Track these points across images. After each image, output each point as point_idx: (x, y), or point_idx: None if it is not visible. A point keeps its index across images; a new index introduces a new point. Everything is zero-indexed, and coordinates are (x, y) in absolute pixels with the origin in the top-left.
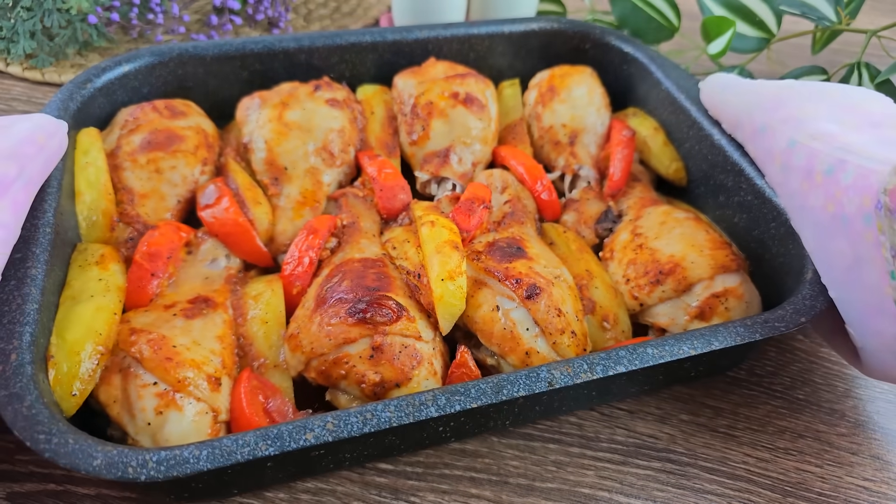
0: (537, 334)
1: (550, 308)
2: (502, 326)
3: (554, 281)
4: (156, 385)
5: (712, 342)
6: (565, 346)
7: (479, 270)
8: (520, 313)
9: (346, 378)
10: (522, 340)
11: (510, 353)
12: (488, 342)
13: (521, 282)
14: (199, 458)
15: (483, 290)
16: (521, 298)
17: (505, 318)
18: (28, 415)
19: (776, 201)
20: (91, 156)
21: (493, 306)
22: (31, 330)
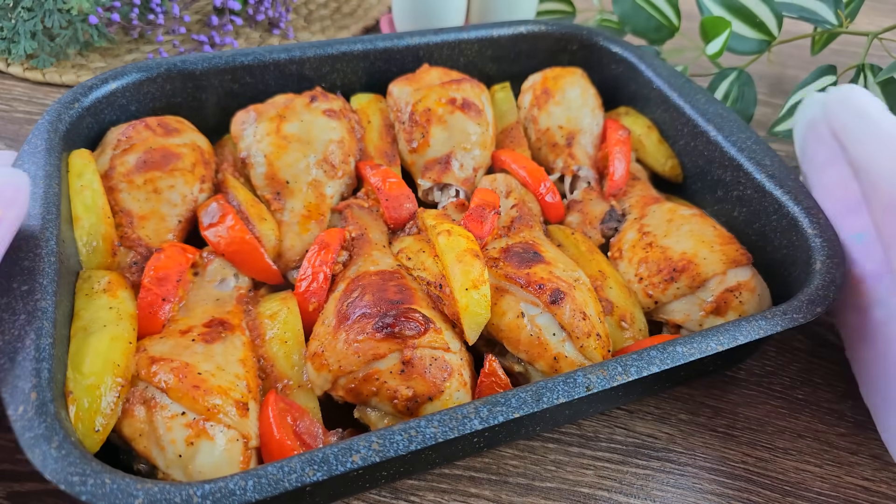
0: (564, 339)
1: (575, 312)
2: (529, 333)
3: (574, 284)
4: (184, 415)
5: (737, 337)
6: (592, 349)
7: (499, 277)
8: (545, 319)
9: (378, 394)
10: (550, 346)
11: (538, 358)
12: (515, 349)
13: (543, 287)
14: (245, 489)
15: (506, 297)
16: (545, 304)
17: (531, 324)
18: (58, 456)
19: (776, 194)
20: (85, 178)
21: (518, 313)
22: (48, 366)
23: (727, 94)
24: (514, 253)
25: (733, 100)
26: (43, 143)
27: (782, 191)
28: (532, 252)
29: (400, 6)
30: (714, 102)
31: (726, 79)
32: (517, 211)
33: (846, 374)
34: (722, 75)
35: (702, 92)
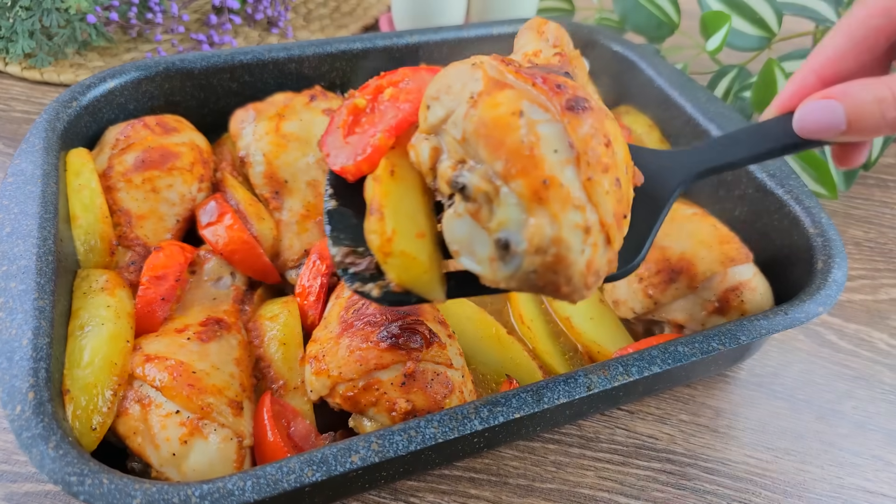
0: (569, 160)
1: (598, 133)
2: (520, 138)
3: (613, 117)
4: (178, 414)
5: (739, 337)
6: (603, 193)
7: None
8: (551, 129)
9: (376, 405)
10: (544, 162)
11: (520, 174)
12: (492, 152)
13: (563, 88)
14: (244, 490)
15: (504, 91)
16: (559, 108)
17: (528, 128)
18: (56, 456)
19: (778, 193)
20: (83, 177)
21: (515, 110)
22: (45, 365)
23: (727, 91)
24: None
25: (733, 98)
26: (41, 142)
27: (784, 190)
28: (564, 72)
29: (399, 5)
30: (715, 101)
31: (726, 76)
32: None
33: (847, 375)
34: (722, 73)
35: (702, 90)
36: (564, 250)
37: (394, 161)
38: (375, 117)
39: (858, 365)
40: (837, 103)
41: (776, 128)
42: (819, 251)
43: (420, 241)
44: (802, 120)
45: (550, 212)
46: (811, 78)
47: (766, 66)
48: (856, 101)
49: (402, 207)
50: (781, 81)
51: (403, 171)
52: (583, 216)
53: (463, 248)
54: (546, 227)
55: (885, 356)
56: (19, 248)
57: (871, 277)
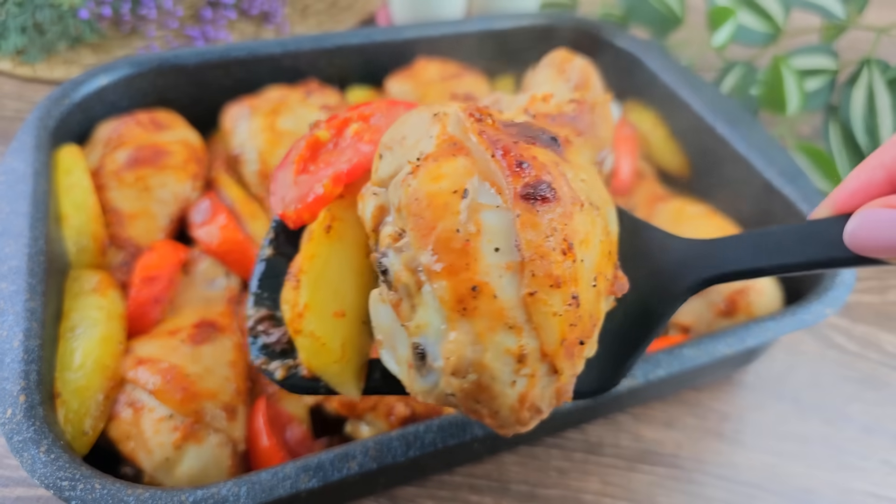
0: (510, 266)
1: (556, 235)
2: (456, 225)
3: (585, 205)
4: (171, 418)
5: (746, 340)
6: (549, 314)
7: (469, 132)
8: (498, 220)
9: (374, 410)
10: (478, 263)
11: (445, 273)
12: (420, 237)
13: (523, 168)
14: (238, 496)
15: (457, 159)
16: (513, 194)
17: (468, 214)
18: (47, 460)
19: (785, 192)
20: (75, 176)
21: (459, 187)
22: (36, 368)
23: (734, 88)
24: (525, 126)
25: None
26: (32, 139)
27: (792, 189)
28: (550, 137)
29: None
30: (721, 97)
31: (733, 72)
32: (575, 110)
33: (855, 377)
34: (728, 68)
35: (708, 86)
36: (488, 379)
37: (336, 214)
38: (334, 156)
39: (866, 367)
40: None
41: (826, 234)
42: None
43: (337, 322)
44: (856, 231)
45: (475, 329)
46: (879, 174)
47: (773, 62)
48: None
49: (327, 275)
50: (788, 78)
51: (345, 227)
52: (517, 340)
53: (385, 339)
54: (467, 347)
55: (893, 358)
56: (10, 248)
57: (879, 279)
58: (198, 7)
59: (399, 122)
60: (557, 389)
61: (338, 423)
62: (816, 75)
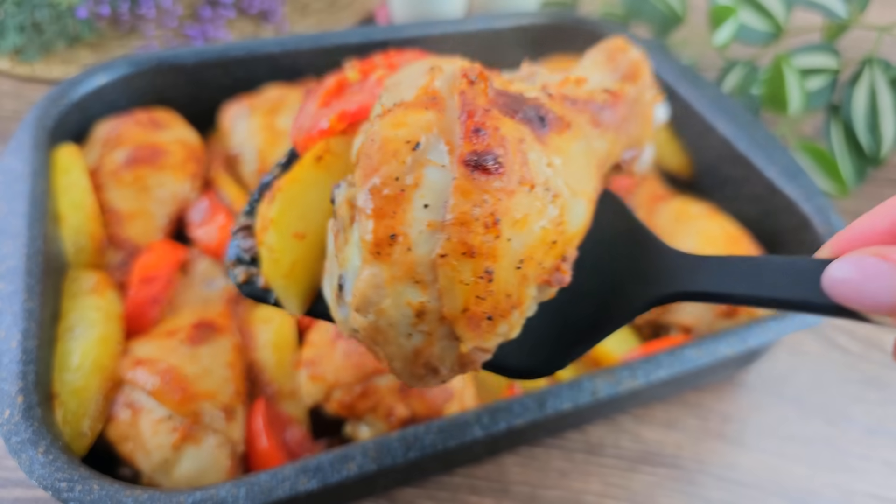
0: (433, 224)
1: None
2: (397, 172)
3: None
4: (170, 419)
5: (748, 340)
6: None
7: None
8: (439, 178)
9: (374, 411)
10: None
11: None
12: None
13: (479, 134)
14: (237, 498)
15: (427, 112)
16: (458, 158)
17: (413, 165)
18: (45, 461)
19: (787, 192)
20: (73, 175)
21: (413, 139)
22: (34, 368)
23: (736, 87)
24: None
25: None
26: (30, 139)
27: (793, 188)
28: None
29: None
30: (723, 97)
31: (734, 71)
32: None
33: (857, 378)
34: (729, 67)
35: (710, 85)
36: (385, 324)
37: (330, 147)
38: (354, 96)
39: (869, 368)
40: (891, 268)
41: (810, 274)
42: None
43: (295, 241)
44: (836, 275)
45: (384, 274)
46: (883, 223)
47: (775, 61)
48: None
49: (302, 199)
50: (790, 77)
51: (335, 161)
52: (420, 296)
53: (328, 268)
54: (371, 289)
55: None
56: (8, 248)
57: None
58: (196, 6)
59: (404, 68)
60: (460, 356)
61: (337, 424)
62: (818, 74)
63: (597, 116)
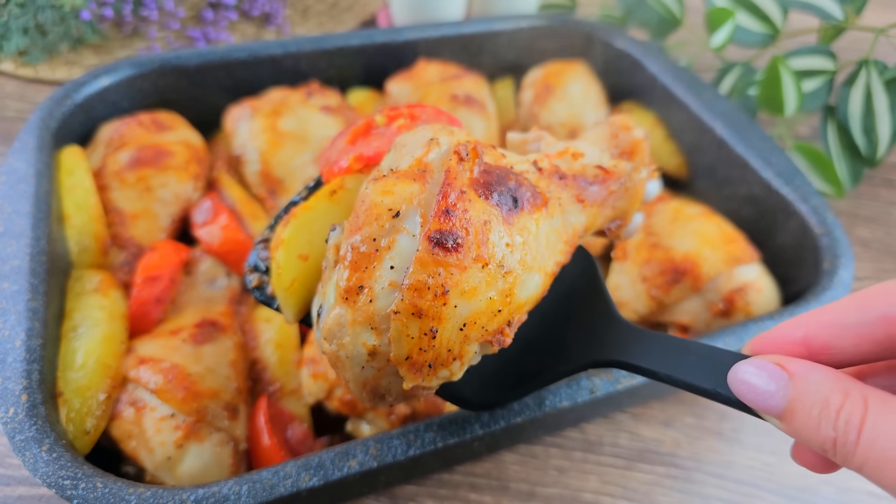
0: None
1: (436, 277)
2: (376, 234)
3: (490, 266)
4: (173, 417)
5: (744, 339)
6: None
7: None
8: (408, 246)
9: (375, 409)
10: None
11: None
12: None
13: (448, 215)
14: (239, 495)
15: (413, 185)
16: (423, 233)
17: (390, 231)
18: (49, 459)
19: (783, 192)
20: (77, 176)
21: (395, 208)
22: (38, 367)
23: (732, 88)
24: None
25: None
26: (34, 140)
27: (789, 189)
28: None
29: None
30: (720, 98)
31: (731, 73)
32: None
33: None
34: (726, 69)
35: (707, 88)
36: (343, 356)
37: (346, 184)
38: (375, 139)
39: None
40: (786, 378)
41: (724, 369)
42: (825, 251)
43: (298, 261)
44: (738, 375)
45: (349, 316)
46: (797, 333)
47: (772, 63)
48: (807, 387)
49: (311, 226)
50: (787, 79)
51: (347, 197)
52: (374, 340)
53: (319, 290)
54: (336, 326)
55: None
56: (12, 248)
57: (877, 278)
58: (199, 8)
59: (413, 130)
60: (404, 391)
61: (339, 421)
62: (814, 76)
63: (582, 192)
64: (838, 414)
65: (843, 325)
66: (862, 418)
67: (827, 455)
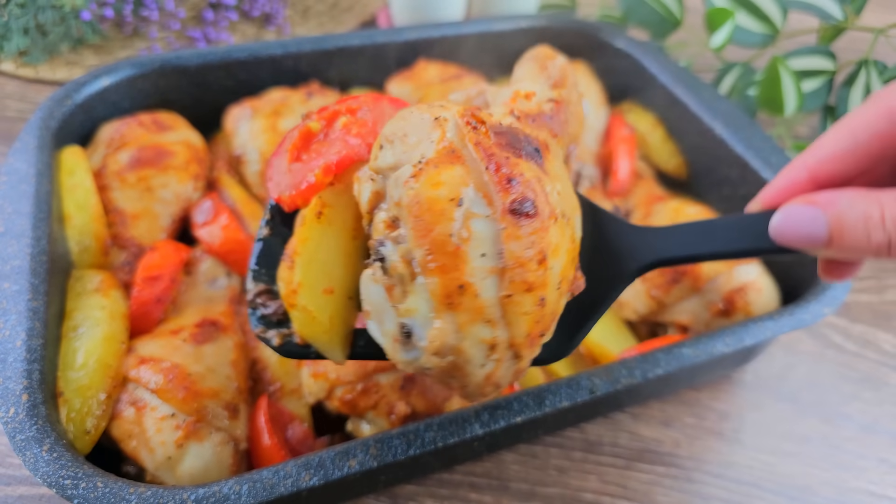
0: (493, 270)
1: (534, 247)
2: (450, 230)
3: (559, 218)
4: (173, 417)
5: (744, 338)
6: (520, 314)
7: (466, 140)
8: (486, 229)
9: (375, 408)
10: (466, 265)
11: (438, 271)
12: (417, 236)
13: (513, 184)
14: (240, 495)
15: (454, 167)
16: (501, 209)
17: (462, 222)
18: (49, 459)
19: None
20: (77, 176)
21: (455, 196)
22: (39, 367)
23: (732, 88)
24: (511, 134)
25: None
26: (35, 140)
27: None
28: (534, 147)
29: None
30: (719, 98)
31: (731, 73)
32: (553, 109)
33: (853, 377)
34: (726, 69)
35: (707, 87)
36: (463, 362)
37: (326, 201)
38: (324, 146)
39: (864, 367)
40: (821, 213)
41: (756, 226)
42: None
43: (326, 297)
44: (780, 225)
45: (458, 320)
46: (803, 175)
47: (771, 63)
48: (841, 214)
49: (318, 256)
50: (786, 79)
51: (334, 213)
52: (492, 332)
53: (373, 313)
54: (449, 335)
55: (891, 358)
56: (13, 248)
57: (877, 278)
58: (199, 9)
59: (400, 117)
60: (517, 370)
61: (339, 421)
62: (814, 76)
63: (552, 128)
64: (883, 220)
65: (841, 154)
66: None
67: (881, 257)
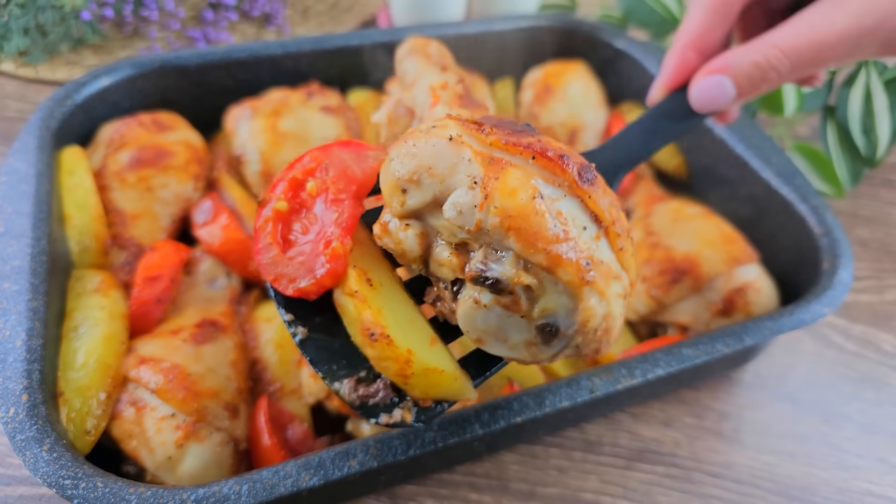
0: (598, 234)
1: (613, 198)
2: (549, 224)
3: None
4: (173, 417)
5: (744, 338)
6: (630, 256)
7: (492, 145)
8: (569, 206)
9: None
10: (579, 244)
11: (565, 264)
12: (528, 245)
13: (566, 160)
14: (240, 495)
15: (508, 171)
16: (571, 181)
17: (551, 212)
18: (50, 459)
19: (783, 192)
20: (77, 176)
21: (532, 193)
22: (39, 367)
23: None
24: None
25: None
26: (35, 140)
27: (789, 189)
28: (524, 123)
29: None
30: None
31: None
32: (464, 87)
33: (853, 377)
34: None
35: None
36: (612, 321)
37: (362, 266)
38: (310, 218)
39: (864, 366)
40: (725, 77)
41: (677, 108)
42: (825, 251)
43: (435, 349)
44: (698, 98)
45: (598, 290)
46: (691, 53)
47: None
48: (739, 70)
49: (400, 319)
50: None
51: (376, 273)
52: (622, 284)
53: (490, 336)
54: (597, 308)
55: (890, 358)
56: (13, 248)
57: (877, 278)
58: (199, 9)
59: (409, 155)
60: None
61: (339, 421)
62: None
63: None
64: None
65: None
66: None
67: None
